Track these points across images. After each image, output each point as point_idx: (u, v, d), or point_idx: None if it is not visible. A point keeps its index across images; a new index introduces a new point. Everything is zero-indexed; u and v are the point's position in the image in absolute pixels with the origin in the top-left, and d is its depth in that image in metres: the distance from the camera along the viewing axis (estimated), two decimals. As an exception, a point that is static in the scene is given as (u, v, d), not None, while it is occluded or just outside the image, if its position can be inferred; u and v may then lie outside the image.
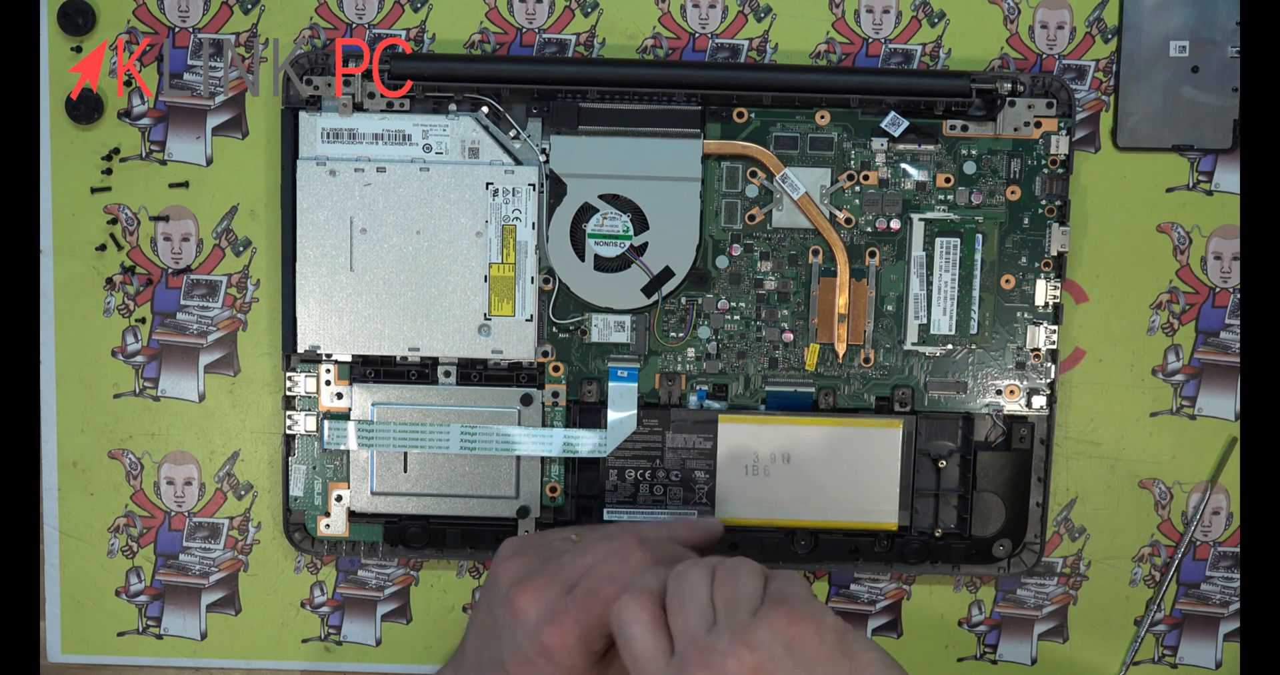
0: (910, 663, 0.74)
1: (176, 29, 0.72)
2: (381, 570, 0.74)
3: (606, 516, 0.71)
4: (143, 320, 0.73)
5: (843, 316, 0.70)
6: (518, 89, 0.69)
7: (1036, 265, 0.70)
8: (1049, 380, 0.71)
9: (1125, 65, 0.71)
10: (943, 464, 0.71)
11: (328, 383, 0.71)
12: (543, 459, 0.71)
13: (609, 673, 0.59)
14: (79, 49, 0.72)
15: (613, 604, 0.56)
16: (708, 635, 0.53)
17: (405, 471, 0.71)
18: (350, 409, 0.71)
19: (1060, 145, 0.70)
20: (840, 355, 0.71)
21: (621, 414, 0.70)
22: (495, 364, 0.71)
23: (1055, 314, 0.70)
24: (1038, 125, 0.70)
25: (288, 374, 0.71)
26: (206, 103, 0.72)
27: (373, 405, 0.71)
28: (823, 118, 0.70)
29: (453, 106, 0.70)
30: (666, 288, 0.70)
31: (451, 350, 0.70)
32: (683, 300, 0.71)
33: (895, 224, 0.70)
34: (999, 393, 0.71)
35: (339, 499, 0.72)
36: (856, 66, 0.71)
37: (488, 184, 0.69)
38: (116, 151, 0.72)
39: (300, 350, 0.70)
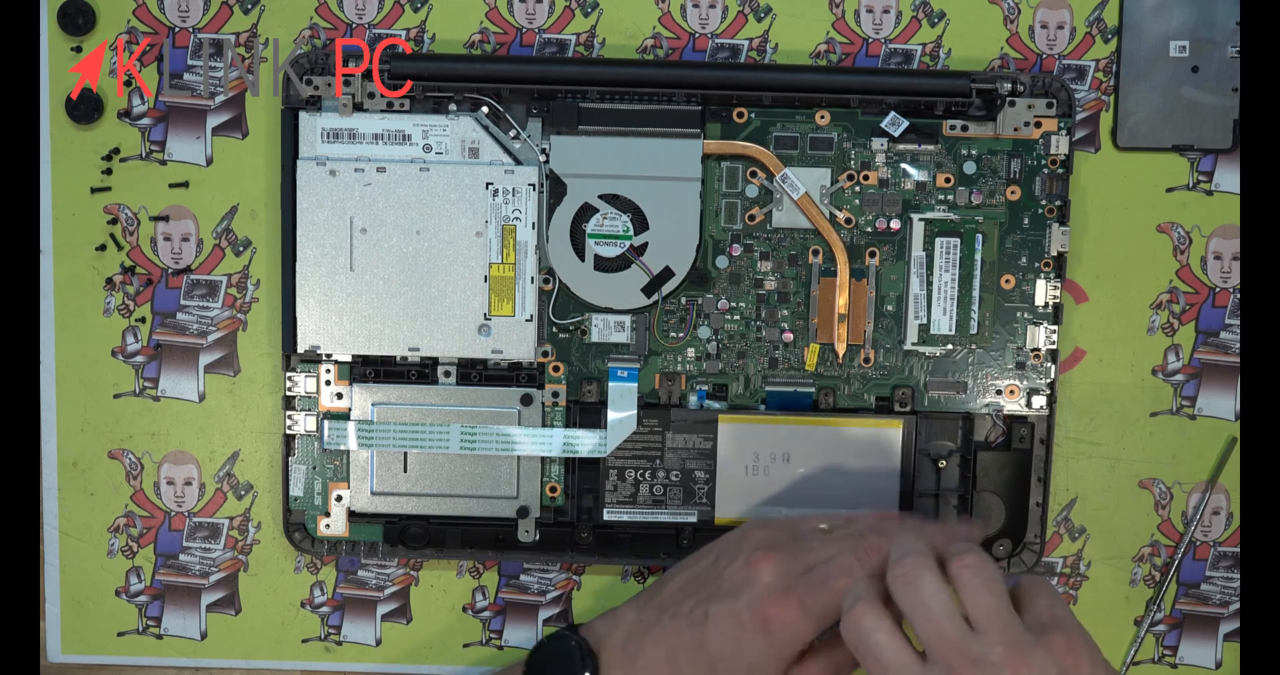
0: (910, 663, 0.74)
1: (176, 29, 0.72)
2: (381, 570, 0.74)
3: (606, 516, 0.71)
4: (143, 320, 0.73)
5: (843, 316, 0.70)
6: (518, 89, 0.69)
7: (1036, 265, 0.70)
8: (1049, 380, 0.71)
9: (1125, 65, 0.71)
10: (943, 464, 0.71)
11: (328, 383, 0.71)
12: (543, 459, 0.71)
13: (802, 664, 0.59)
14: (79, 49, 0.72)
15: (839, 597, 0.56)
16: (973, 643, 0.52)
17: (405, 471, 0.71)
18: (350, 409, 0.71)
19: (1060, 145, 0.70)
20: (840, 355, 0.71)
21: (621, 414, 0.70)
22: (495, 364, 0.71)
23: (1055, 314, 0.70)
24: (1038, 125, 0.70)
25: (288, 374, 0.71)
26: (206, 103, 0.72)
27: (373, 405, 0.71)
28: (823, 118, 0.70)
29: (453, 106, 0.70)
30: (666, 288, 0.70)
31: (451, 350, 0.70)
32: (683, 300, 0.71)
33: (895, 224, 0.70)
34: (999, 393, 0.71)
35: (339, 499, 0.72)
36: (856, 66, 0.71)
37: (488, 184, 0.69)
38: (116, 151, 0.72)
39: (300, 350, 0.70)
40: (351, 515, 0.72)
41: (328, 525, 0.72)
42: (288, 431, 0.71)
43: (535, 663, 0.64)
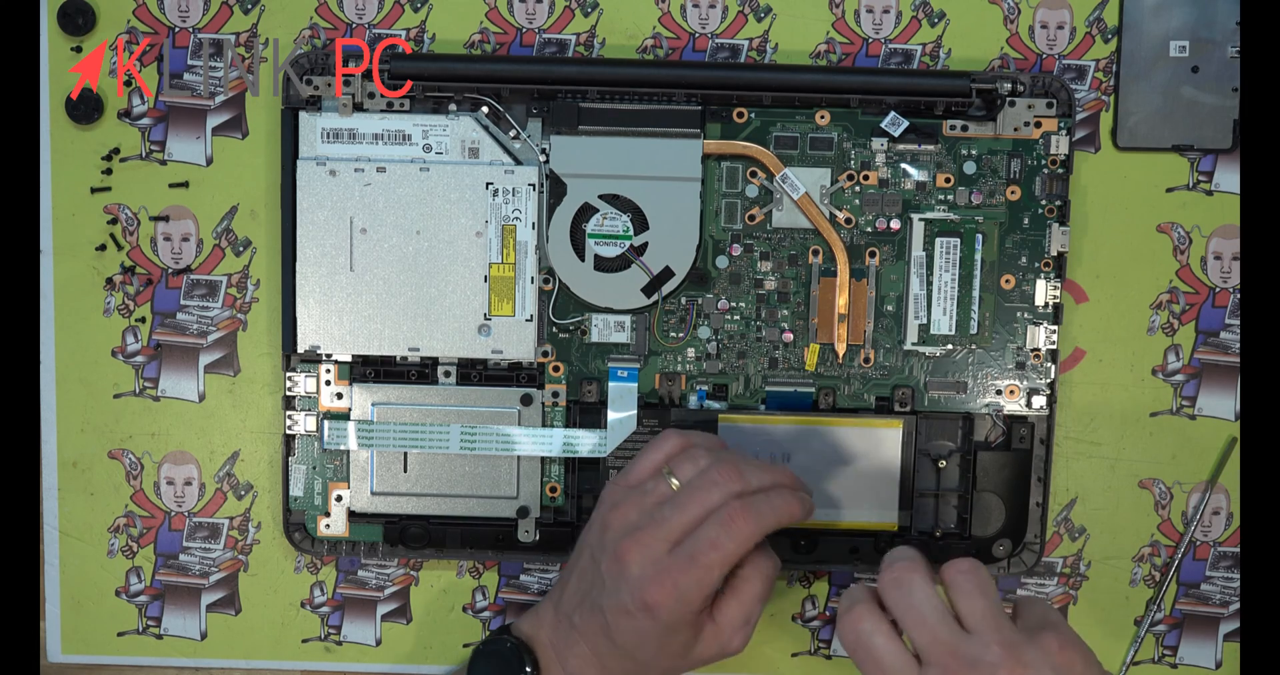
0: (910, 663, 0.74)
1: (176, 29, 0.72)
2: (381, 570, 0.74)
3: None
4: (143, 320, 0.73)
5: (843, 316, 0.70)
6: (518, 89, 0.69)
7: (1036, 265, 0.70)
8: (1049, 380, 0.71)
9: (1125, 65, 0.71)
10: (943, 464, 0.71)
11: (328, 383, 0.71)
12: (543, 459, 0.71)
13: (699, 630, 0.62)
14: (79, 49, 0.72)
15: (714, 569, 0.59)
16: (967, 644, 0.53)
17: (405, 471, 0.71)
18: (350, 409, 0.71)
19: (1060, 145, 0.70)
20: (840, 355, 0.71)
21: (621, 414, 0.70)
22: (495, 364, 0.71)
23: (1055, 314, 0.70)
24: (1038, 125, 0.70)
25: (288, 374, 0.71)
26: (206, 103, 0.72)
27: (373, 405, 0.71)
28: (823, 118, 0.70)
29: (453, 106, 0.70)
30: (666, 288, 0.70)
31: (451, 350, 0.70)
32: (683, 300, 0.71)
33: (895, 224, 0.70)
34: (999, 393, 0.71)
35: (339, 499, 0.72)
36: (856, 66, 0.71)
37: (488, 184, 0.69)
38: (116, 151, 0.72)
39: (300, 350, 0.70)
40: (351, 515, 0.72)
41: (328, 525, 0.72)
42: (288, 431, 0.71)
43: (478, 669, 0.65)
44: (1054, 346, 0.71)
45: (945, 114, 0.70)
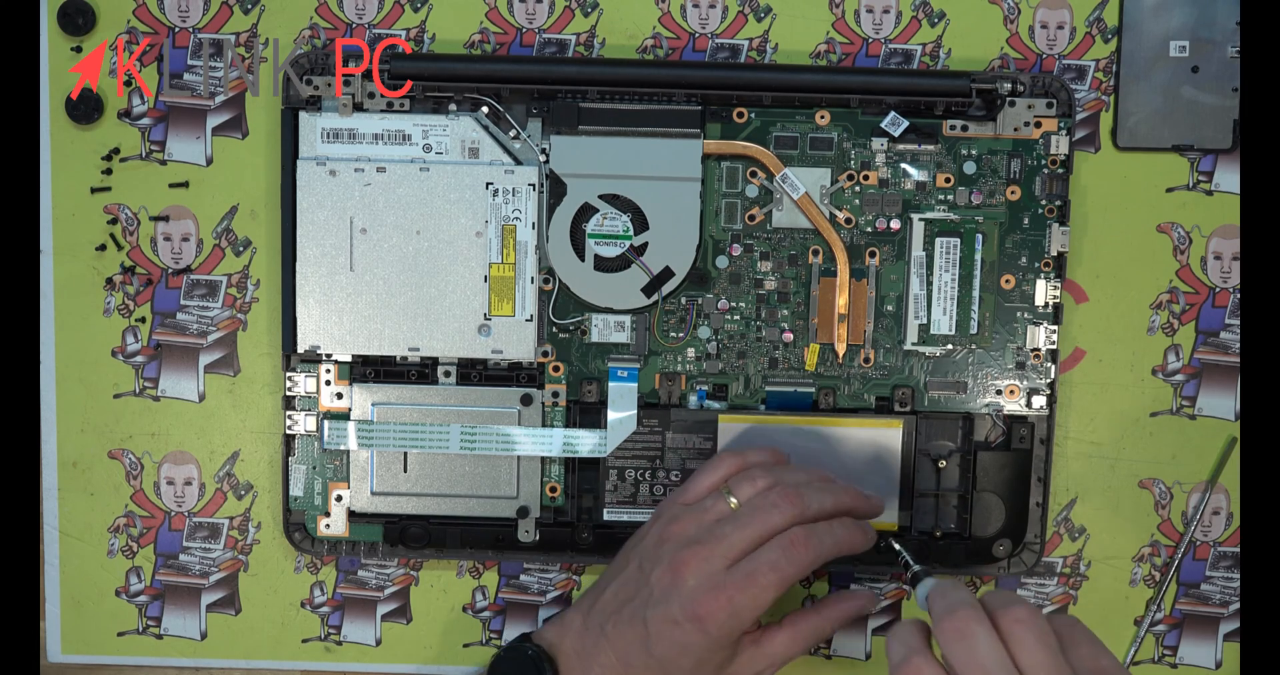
0: (910, 663, 0.74)
1: (176, 29, 0.72)
2: (381, 570, 0.74)
3: (606, 516, 0.71)
4: (143, 320, 0.73)
5: (843, 316, 0.70)
6: (518, 89, 0.69)
7: (1036, 265, 0.70)
8: (1049, 380, 0.71)
9: (1125, 65, 0.71)
10: (943, 464, 0.71)
11: (328, 383, 0.71)
12: (543, 459, 0.71)
13: (737, 652, 0.63)
14: (79, 49, 0.72)
15: (770, 590, 0.60)
16: None
17: (405, 471, 0.71)
18: (350, 409, 0.71)
19: (1060, 145, 0.70)
20: (840, 355, 0.71)
21: (621, 414, 0.70)
22: (495, 364, 0.71)
23: (1055, 314, 0.70)
24: (1038, 125, 0.70)
25: (288, 374, 0.71)
26: (206, 103, 0.72)
27: (373, 405, 0.71)
28: (823, 118, 0.70)
29: (453, 106, 0.70)
30: (666, 288, 0.70)
31: (451, 350, 0.70)
32: (683, 300, 0.71)
33: (895, 224, 0.70)
34: (999, 393, 0.71)
35: (339, 499, 0.72)
36: (856, 66, 0.71)
37: (488, 184, 0.69)
38: (116, 151, 0.72)
39: (300, 350, 0.70)
40: (351, 515, 0.72)
41: (328, 525, 0.72)
42: (288, 431, 0.71)
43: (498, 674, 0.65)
44: (1054, 346, 0.71)
45: (945, 114, 0.70)
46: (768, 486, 0.63)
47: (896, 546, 0.65)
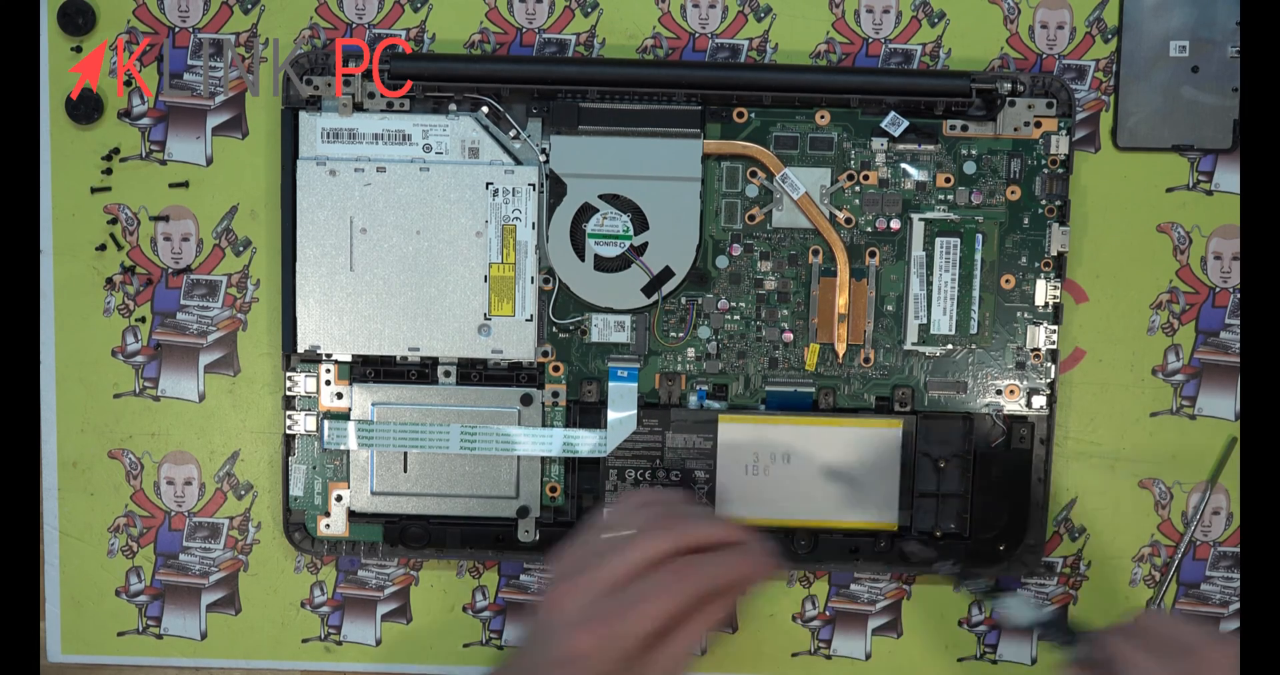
0: (910, 663, 0.74)
1: (176, 29, 0.72)
2: (381, 570, 0.74)
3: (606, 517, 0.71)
4: (143, 320, 0.73)
5: (843, 316, 0.70)
6: (518, 89, 0.69)
7: (1036, 265, 0.70)
8: (1049, 380, 0.71)
9: (1125, 65, 0.71)
10: (943, 464, 0.71)
11: (328, 383, 0.71)
12: (543, 459, 0.71)
13: (637, 664, 0.58)
14: (79, 49, 0.72)
15: (647, 620, 0.56)
16: None
17: (405, 471, 0.71)
18: (350, 409, 0.71)
19: (1060, 145, 0.70)
20: (840, 355, 0.71)
21: (621, 414, 0.70)
22: (495, 364, 0.71)
23: (1055, 314, 0.70)
24: (1038, 125, 0.70)
25: (288, 374, 0.71)
26: (206, 103, 0.72)
27: (373, 405, 0.71)
28: (823, 118, 0.70)
29: (453, 106, 0.70)
30: (666, 288, 0.70)
31: (451, 350, 0.70)
32: (683, 300, 0.71)
33: (895, 224, 0.70)
34: (999, 393, 0.71)
35: (339, 499, 0.72)
36: (856, 66, 0.71)
37: (488, 184, 0.69)
38: (116, 151, 0.72)
39: (300, 350, 0.70)
40: (351, 515, 0.72)
41: (328, 525, 0.72)
42: (288, 431, 0.71)
43: None
44: (1054, 346, 0.70)
45: (945, 114, 0.70)
46: (658, 514, 0.61)
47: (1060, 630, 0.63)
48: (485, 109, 0.70)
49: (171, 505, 0.74)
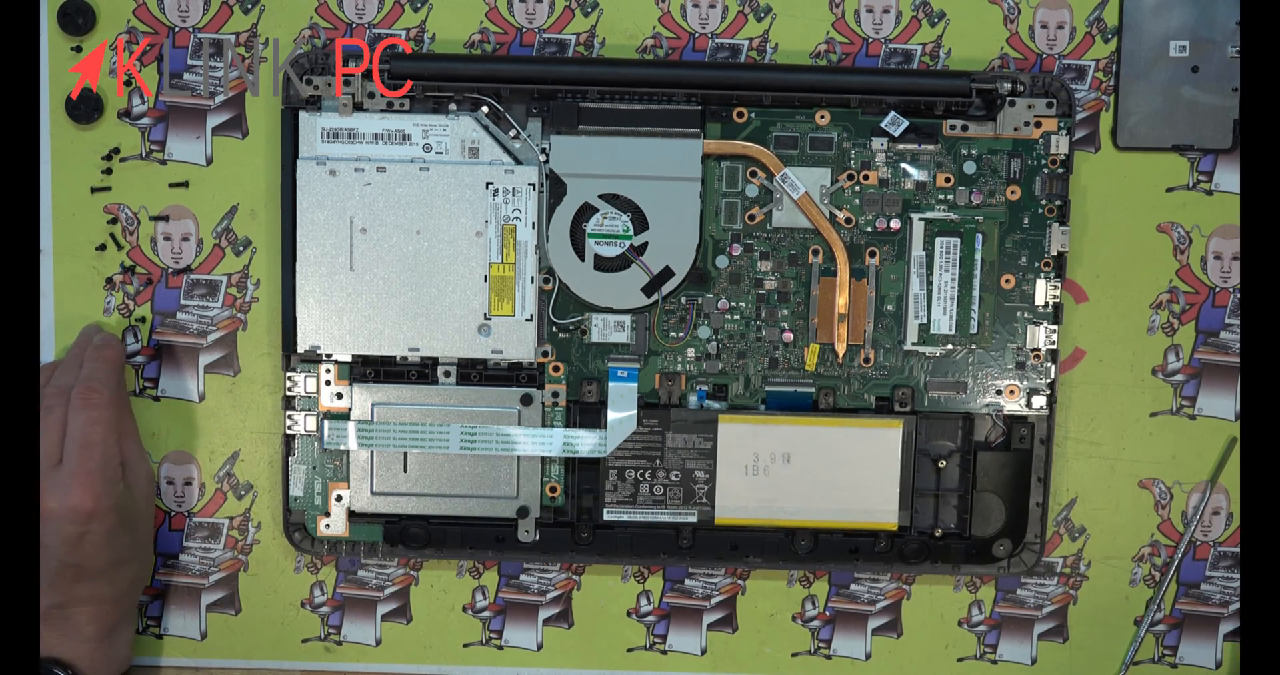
0: (910, 663, 0.74)
1: (176, 29, 0.72)
2: (381, 570, 0.74)
3: (606, 516, 0.71)
4: (143, 320, 0.73)
5: (843, 316, 0.70)
6: (518, 89, 0.69)
7: (1036, 265, 0.70)
8: (1049, 380, 0.71)
9: (1125, 65, 0.71)
10: (943, 464, 0.71)
11: (328, 383, 0.71)
12: (543, 459, 0.71)
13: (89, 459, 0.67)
14: (79, 49, 0.72)
15: (98, 444, 0.67)
16: None
17: (405, 471, 0.71)
18: (350, 409, 0.71)
19: (1060, 145, 0.70)
20: (840, 355, 0.71)
21: (621, 414, 0.70)
22: (495, 364, 0.71)
23: (1055, 314, 0.70)
24: (1038, 125, 0.70)
25: (288, 374, 0.71)
26: (206, 103, 0.72)
27: (373, 405, 0.71)
28: (823, 118, 0.70)
29: (453, 106, 0.70)
30: (666, 288, 0.70)
31: (451, 350, 0.70)
32: (683, 300, 0.71)
33: (895, 224, 0.70)
34: (999, 393, 0.71)
35: (339, 499, 0.72)
36: (856, 66, 0.71)
37: (488, 184, 0.69)
38: (116, 151, 0.72)
39: (300, 350, 0.70)
40: (351, 515, 0.72)
41: (328, 525, 0.72)
42: (288, 431, 0.71)
43: None
44: (1054, 346, 0.71)
45: (945, 114, 0.70)
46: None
47: None
48: (485, 109, 0.70)
49: (171, 505, 0.74)
